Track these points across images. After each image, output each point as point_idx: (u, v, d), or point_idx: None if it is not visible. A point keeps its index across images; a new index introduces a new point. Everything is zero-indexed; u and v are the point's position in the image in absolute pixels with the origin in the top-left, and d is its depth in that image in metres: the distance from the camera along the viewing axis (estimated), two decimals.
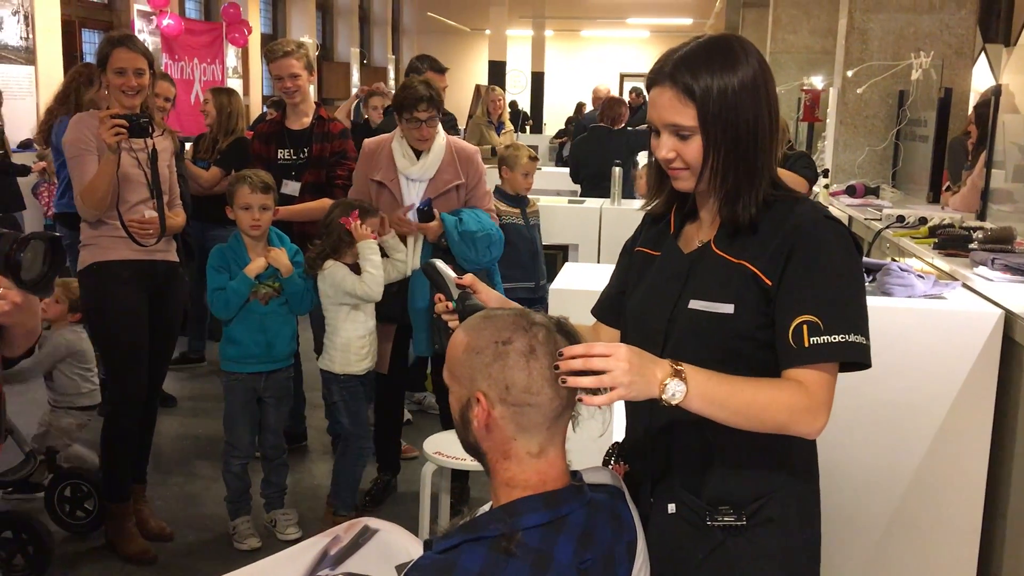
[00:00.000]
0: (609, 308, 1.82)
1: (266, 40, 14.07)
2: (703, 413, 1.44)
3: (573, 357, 1.36)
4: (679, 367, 1.41)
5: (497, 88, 8.26)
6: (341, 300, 3.48)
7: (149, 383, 3.46)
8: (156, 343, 3.43)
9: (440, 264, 1.78)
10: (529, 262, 4.54)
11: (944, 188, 5.16)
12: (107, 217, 3.28)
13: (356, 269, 3.47)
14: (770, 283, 1.53)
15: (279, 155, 4.14)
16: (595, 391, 1.36)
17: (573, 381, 1.36)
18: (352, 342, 3.51)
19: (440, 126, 3.67)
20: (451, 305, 1.71)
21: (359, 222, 3.42)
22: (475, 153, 3.81)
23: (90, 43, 9.65)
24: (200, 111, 5.28)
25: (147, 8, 9.78)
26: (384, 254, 3.55)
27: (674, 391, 1.39)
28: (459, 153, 3.72)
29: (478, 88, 8.65)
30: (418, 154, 3.63)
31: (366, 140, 3.82)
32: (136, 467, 3.55)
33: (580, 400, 1.37)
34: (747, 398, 1.46)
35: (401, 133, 3.65)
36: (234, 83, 11.84)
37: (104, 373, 3.84)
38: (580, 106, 15.60)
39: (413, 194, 3.65)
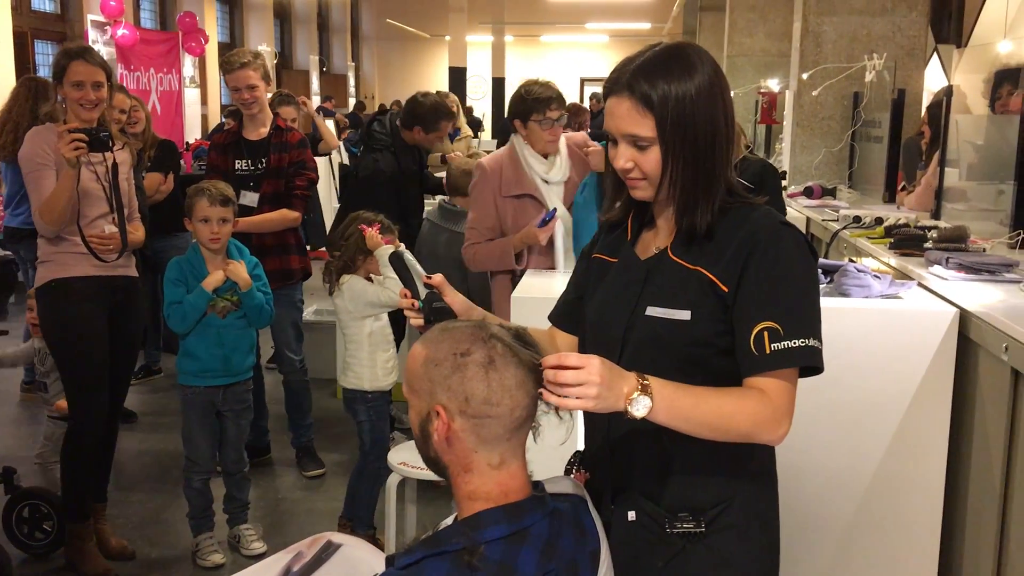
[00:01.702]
0: (566, 314, 1.82)
1: (223, 49, 13.97)
2: (669, 425, 1.44)
3: (547, 368, 1.36)
4: (645, 381, 1.41)
5: (451, 95, 8.25)
6: (363, 313, 3.42)
7: (110, 400, 3.41)
8: (117, 360, 3.38)
9: (409, 257, 1.74)
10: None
11: (900, 188, 5.24)
12: (66, 233, 3.22)
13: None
14: (727, 289, 1.53)
15: (236, 166, 4.11)
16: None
17: (546, 396, 1.37)
18: (378, 356, 3.45)
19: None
20: (416, 304, 1.68)
21: (376, 231, 3.36)
22: (583, 140, 3.52)
23: (43, 54, 9.53)
24: (128, 121, 5.01)
25: (101, 18, 9.65)
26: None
27: (640, 405, 1.39)
28: (572, 144, 3.49)
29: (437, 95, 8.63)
30: (545, 158, 3.44)
31: (481, 161, 3.54)
32: (97, 486, 3.50)
33: (540, 395, 1.37)
34: (712, 409, 1.47)
35: (524, 140, 3.43)
36: (191, 93, 11.73)
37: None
38: None
39: (555, 199, 3.43)
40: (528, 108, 3.37)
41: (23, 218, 4.70)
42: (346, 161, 9.03)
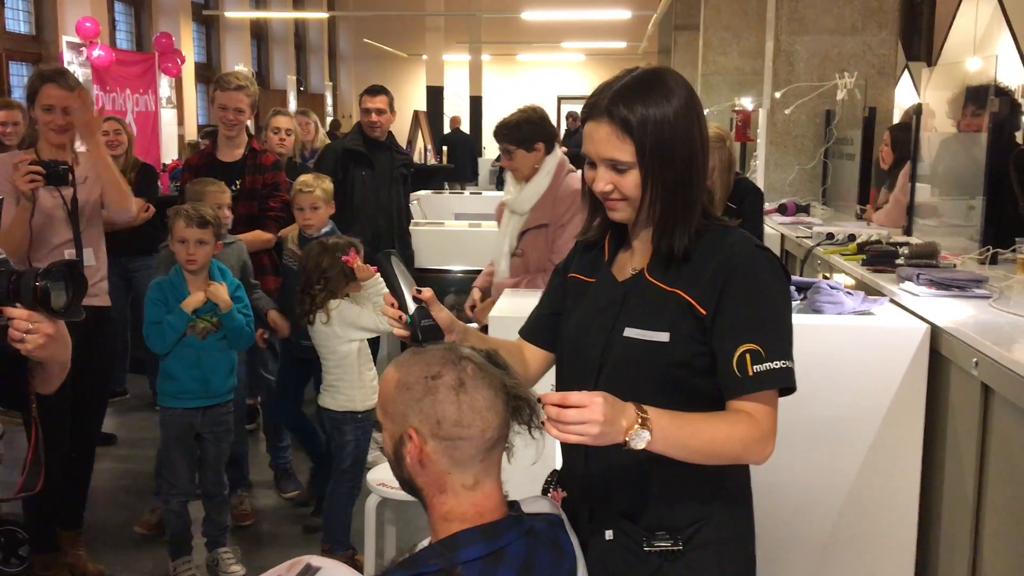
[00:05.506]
0: (537, 329, 1.83)
1: (200, 69, 13.93)
2: (665, 453, 1.46)
3: (550, 404, 1.37)
4: (644, 414, 1.42)
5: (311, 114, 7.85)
6: (351, 337, 3.45)
7: (83, 433, 3.34)
8: (86, 390, 3.28)
9: (397, 262, 1.66)
10: None
11: (867, 204, 5.31)
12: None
13: None
14: (704, 312, 1.55)
15: None
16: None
17: (548, 428, 1.38)
18: (365, 375, 3.49)
19: (546, 160, 3.46)
20: (404, 318, 1.62)
21: (356, 258, 3.38)
22: (572, 195, 3.40)
23: (18, 75, 9.46)
24: (111, 141, 4.92)
25: (76, 39, 9.61)
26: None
27: (639, 439, 1.41)
28: (563, 193, 3.45)
29: (416, 115, 8.63)
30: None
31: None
32: (72, 513, 3.44)
33: (542, 423, 1.39)
34: (707, 437, 1.49)
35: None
36: (168, 113, 11.69)
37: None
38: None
39: (512, 227, 3.50)
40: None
41: None
42: None
